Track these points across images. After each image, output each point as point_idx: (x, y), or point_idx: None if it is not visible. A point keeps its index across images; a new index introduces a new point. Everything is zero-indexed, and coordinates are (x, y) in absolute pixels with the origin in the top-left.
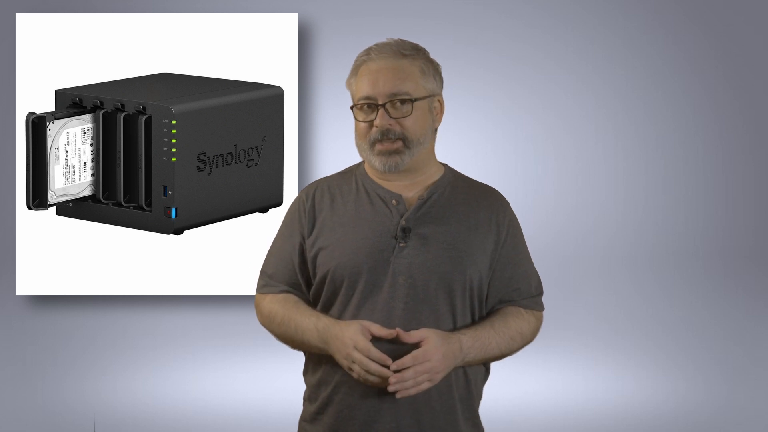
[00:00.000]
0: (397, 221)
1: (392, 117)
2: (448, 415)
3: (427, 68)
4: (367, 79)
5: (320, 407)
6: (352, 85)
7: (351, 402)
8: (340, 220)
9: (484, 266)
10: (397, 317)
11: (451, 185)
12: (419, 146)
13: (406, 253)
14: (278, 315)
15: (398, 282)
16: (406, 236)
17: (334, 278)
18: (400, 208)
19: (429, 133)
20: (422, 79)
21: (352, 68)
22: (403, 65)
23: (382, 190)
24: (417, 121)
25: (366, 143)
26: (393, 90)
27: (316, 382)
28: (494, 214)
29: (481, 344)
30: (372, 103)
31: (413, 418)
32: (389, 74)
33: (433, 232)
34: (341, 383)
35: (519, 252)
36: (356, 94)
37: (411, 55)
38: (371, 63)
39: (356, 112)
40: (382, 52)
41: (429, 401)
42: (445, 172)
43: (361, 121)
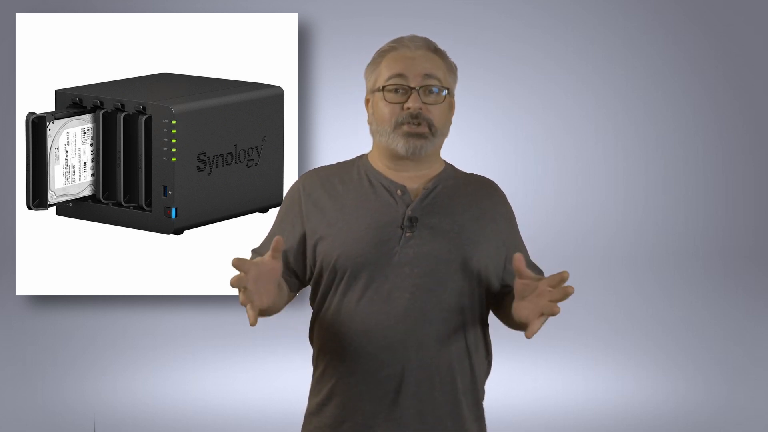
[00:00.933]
0: (403, 211)
1: (424, 102)
2: (452, 407)
3: (453, 69)
4: (401, 62)
5: (324, 399)
6: (373, 71)
7: (353, 394)
8: (341, 209)
9: (489, 254)
10: (402, 307)
11: (453, 178)
12: (440, 137)
13: (412, 243)
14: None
15: (404, 272)
16: (413, 226)
17: (336, 267)
18: (405, 198)
19: (448, 127)
20: (449, 75)
21: (374, 57)
22: (434, 58)
23: (386, 180)
24: (443, 112)
25: (389, 126)
26: (428, 73)
27: (320, 374)
28: (495, 203)
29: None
30: (404, 86)
31: (416, 409)
32: (424, 61)
33: (440, 222)
34: (344, 375)
35: (517, 237)
36: (383, 76)
37: (440, 52)
38: (404, 50)
39: (385, 94)
40: (415, 42)
41: (432, 393)
42: (446, 167)
43: (390, 102)
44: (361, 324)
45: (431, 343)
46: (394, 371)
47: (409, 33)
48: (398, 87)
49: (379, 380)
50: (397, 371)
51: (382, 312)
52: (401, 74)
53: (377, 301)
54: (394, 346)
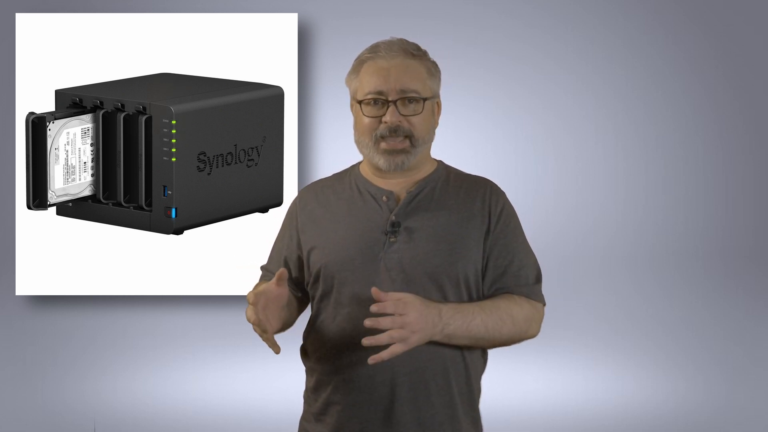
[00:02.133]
0: (387, 216)
1: (402, 114)
2: (449, 410)
3: (434, 69)
4: (377, 75)
5: (320, 408)
6: (353, 81)
7: (350, 402)
8: (332, 218)
9: (477, 257)
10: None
11: (443, 179)
12: (423, 146)
13: (396, 247)
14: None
15: (390, 277)
16: (396, 231)
17: (326, 275)
18: (390, 203)
19: (432, 133)
20: (429, 79)
21: (354, 65)
22: (412, 64)
23: (374, 188)
24: (424, 121)
25: (370, 140)
26: (404, 87)
27: (314, 384)
28: (486, 203)
29: (462, 317)
30: (381, 99)
31: (413, 414)
32: (400, 72)
33: (422, 225)
34: (339, 384)
35: (514, 240)
36: (362, 90)
37: (419, 55)
38: (380, 60)
39: (363, 108)
40: (391, 51)
41: (429, 396)
42: (437, 167)
43: (367, 116)
44: (352, 330)
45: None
46: (387, 377)
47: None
48: (376, 100)
49: (373, 386)
50: (390, 377)
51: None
52: (378, 88)
53: (365, 306)
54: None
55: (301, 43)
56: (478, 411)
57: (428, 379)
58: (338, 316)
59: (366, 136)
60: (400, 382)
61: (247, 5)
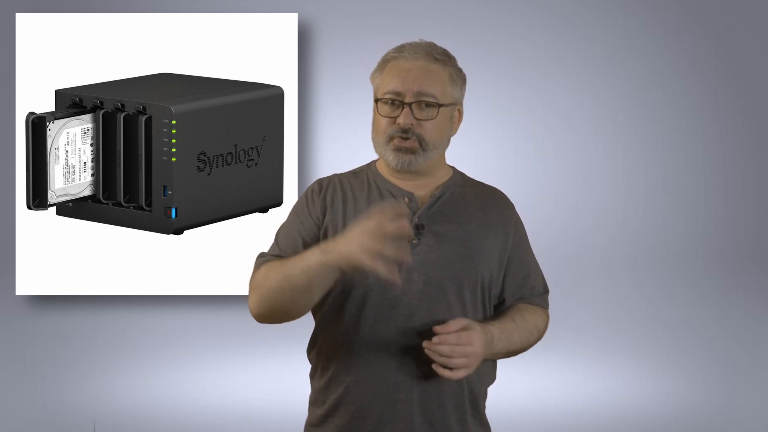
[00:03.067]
0: (410, 218)
1: (416, 118)
2: (459, 414)
3: (457, 76)
4: (397, 76)
5: (330, 409)
6: (376, 78)
7: (363, 402)
8: (351, 216)
9: (494, 264)
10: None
11: (461, 186)
12: (434, 151)
13: (419, 250)
14: (274, 266)
15: (412, 278)
16: (420, 233)
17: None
18: (412, 205)
19: (446, 140)
20: (450, 86)
21: (379, 62)
22: (434, 69)
23: (395, 188)
24: (438, 127)
25: (383, 138)
26: (422, 90)
27: (325, 384)
28: (503, 215)
29: (507, 337)
30: (398, 100)
31: (425, 416)
32: (420, 75)
33: (446, 229)
34: (353, 384)
35: (528, 252)
36: (381, 88)
37: (443, 60)
38: (403, 61)
39: (380, 106)
40: (416, 53)
41: (441, 400)
42: (453, 174)
43: (383, 116)
44: (368, 331)
45: None
46: (402, 379)
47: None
48: (393, 100)
49: (387, 388)
50: (405, 379)
51: (389, 319)
52: (396, 89)
53: (384, 308)
54: (401, 353)
55: (301, 43)
56: (485, 415)
57: (442, 382)
58: (356, 315)
59: (380, 135)
60: (415, 384)
61: (247, 5)
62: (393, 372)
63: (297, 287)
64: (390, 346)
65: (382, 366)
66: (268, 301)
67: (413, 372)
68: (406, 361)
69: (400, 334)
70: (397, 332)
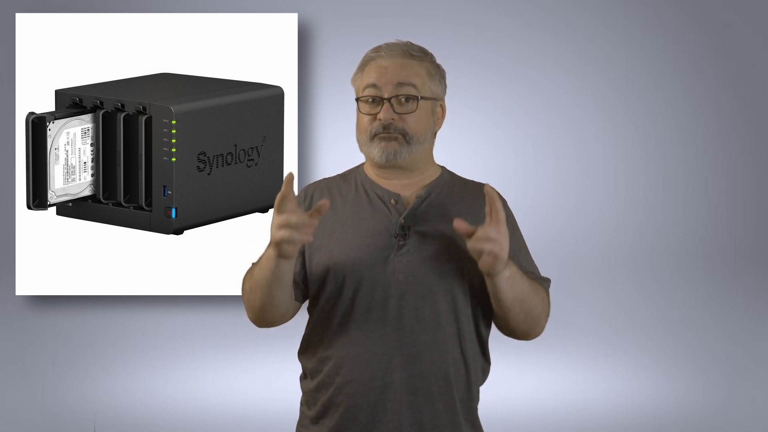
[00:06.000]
0: (396, 220)
1: (396, 112)
2: (450, 415)
3: (435, 72)
4: (375, 73)
5: (321, 411)
6: (357, 80)
7: (353, 403)
8: (339, 219)
9: None
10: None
11: (449, 184)
12: (418, 145)
13: (405, 250)
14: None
15: (398, 279)
16: (406, 234)
17: (335, 277)
18: (399, 207)
19: (429, 134)
20: (429, 81)
21: (359, 64)
22: (411, 64)
23: (381, 189)
24: (419, 120)
25: (366, 136)
26: (400, 82)
27: (315, 386)
28: None
29: (519, 276)
30: (377, 97)
31: (415, 417)
32: (397, 69)
33: (433, 229)
34: (343, 385)
35: (522, 245)
36: (361, 88)
37: (419, 57)
38: (380, 59)
39: (361, 105)
40: (392, 51)
41: (431, 400)
42: (442, 173)
43: (364, 114)
44: (357, 332)
45: (426, 350)
46: (391, 380)
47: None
48: (372, 97)
49: (375, 389)
50: (394, 380)
51: (377, 320)
52: (374, 85)
53: (373, 309)
54: (390, 354)
55: (301, 43)
56: (477, 417)
57: (431, 383)
58: (345, 317)
59: (363, 133)
60: (404, 385)
61: (247, 5)
62: (382, 373)
63: (261, 285)
64: (377, 348)
65: (371, 367)
66: (250, 304)
67: (402, 373)
68: (396, 363)
69: (389, 335)
70: (386, 333)
